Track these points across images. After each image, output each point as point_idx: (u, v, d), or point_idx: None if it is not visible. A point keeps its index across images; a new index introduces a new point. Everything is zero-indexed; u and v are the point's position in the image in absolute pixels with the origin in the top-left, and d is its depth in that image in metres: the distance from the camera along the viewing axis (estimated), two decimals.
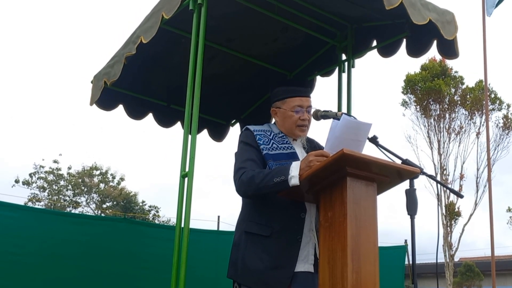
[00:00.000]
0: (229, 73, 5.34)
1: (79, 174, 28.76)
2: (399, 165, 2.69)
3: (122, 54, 4.36)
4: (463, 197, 3.40)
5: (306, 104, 3.02)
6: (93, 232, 5.15)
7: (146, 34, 4.08)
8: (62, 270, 4.89)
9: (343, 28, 4.92)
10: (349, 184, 2.52)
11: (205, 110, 5.30)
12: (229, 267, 2.93)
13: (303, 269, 2.80)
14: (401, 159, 2.82)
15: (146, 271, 5.36)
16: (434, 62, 19.48)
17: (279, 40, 4.97)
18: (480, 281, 27.53)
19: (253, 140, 2.97)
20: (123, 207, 28.31)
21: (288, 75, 5.37)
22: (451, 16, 3.87)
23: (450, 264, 19.05)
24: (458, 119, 19.32)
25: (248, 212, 2.94)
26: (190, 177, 3.61)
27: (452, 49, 4.03)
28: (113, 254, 5.20)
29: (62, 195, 28.36)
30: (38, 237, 4.84)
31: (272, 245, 2.78)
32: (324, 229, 2.61)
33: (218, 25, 4.58)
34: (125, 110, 5.32)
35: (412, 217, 2.73)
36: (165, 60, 4.99)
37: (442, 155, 19.25)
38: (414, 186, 2.75)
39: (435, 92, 18.88)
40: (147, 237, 5.54)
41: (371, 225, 2.56)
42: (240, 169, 2.86)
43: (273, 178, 2.66)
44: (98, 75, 4.73)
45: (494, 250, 9.60)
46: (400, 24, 4.40)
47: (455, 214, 18.89)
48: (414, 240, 2.72)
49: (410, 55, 4.49)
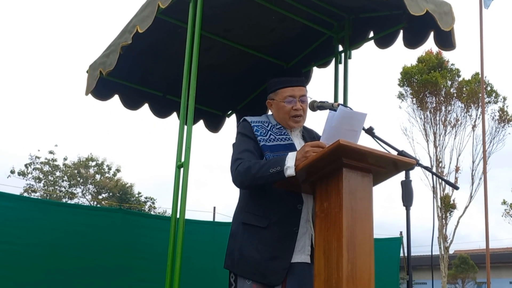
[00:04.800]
0: (226, 64, 5.33)
1: (75, 165, 28.69)
2: (395, 156, 2.68)
3: (118, 43, 4.34)
4: (459, 188, 3.39)
5: (299, 93, 2.97)
6: (89, 223, 5.18)
7: (142, 24, 4.06)
8: (60, 260, 4.92)
9: (340, 19, 4.91)
10: (345, 175, 2.52)
11: (201, 101, 5.29)
12: (226, 257, 2.93)
13: (300, 260, 2.81)
14: (397, 151, 2.82)
15: (142, 262, 5.38)
16: (430, 54, 19.47)
17: (276, 30, 4.96)
18: (474, 273, 27.71)
19: (250, 131, 2.96)
20: (119, 198, 28.29)
21: (285, 66, 5.36)
22: (448, 7, 3.86)
23: (445, 256, 19.12)
24: (454, 112, 19.36)
25: (245, 203, 2.94)
26: (186, 168, 3.61)
27: (449, 41, 4.02)
28: (109, 244, 5.22)
29: (58, 186, 28.30)
30: (35, 227, 4.86)
31: (269, 236, 2.78)
32: (320, 220, 2.60)
33: (215, 15, 4.56)
34: (120, 100, 5.30)
35: (407, 209, 2.73)
36: (161, 50, 4.97)
37: (438, 148, 19.30)
38: (410, 178, 2.75)
39: (432, 84, 18.89)
40: (143, 228, 5.55)
41: (367, 216, 2.55)
42: (237, 160, 2.85)
43: (269, 169, 2.65)
44: (94, 65, 4.71)
45: (489, 242, 9.66)
46: (397, 15, 4.39)
47: (450, 207, 18.95)
48: (409, 232, 2.73)
49: (407, 46, 4.48)
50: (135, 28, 4.11)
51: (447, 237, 19.17)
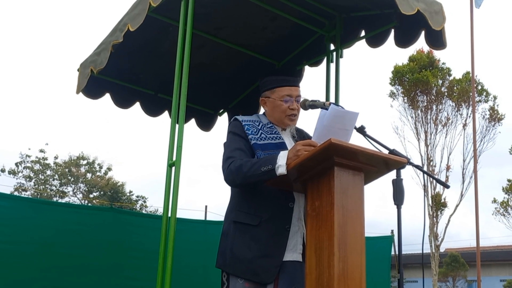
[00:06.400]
0: (217, 62, 5.32)
1: (65, 163, 28.59)
2: (387, 155, 2.69)
3: (109, 42, 4.32)
4: (449, 187, 3.41)
5: (295, 93, 3.01)
6: (81, 222, 5.16)
7: (133, 22, 4.04)
8: (51, 258, 4.91)
9: (332, 18, 4.92)
10: (337, 174, 2.52)
11: (193, 99, 5.29)
12: (218, 256, 2.93)
13: (292, 258, 2.81)
14: (388, 149, 2.82)
15: (133, 260, 5.37)
16: (421, 53, 19.55)
17: (267, 29, 4.95)
18: (465, 271, 27.86)
19: (241, 130, 2.96)
20: (110, 197, 28.21)
21: (277, 65, 5.36)
22: (439, 7, 3.88)
23: (436, 254, 19.22)
24: (445, 111, 19.46)
25: (237, 202, 2.93)
26: (178, 166, 3.60)
27: (440, 40, 4.04)
28: (100, 243, 5.21)
29: (49, 185, 28.18)
30: (26, 226, 4.85)
31: (260, 235, 2.78)
32: (311, 218, 2.61)
33: (207, 14, 4.55)
34: (112, 99, 5.28)
35: (398, 207, 2.74)
36: (153, 49, 4.95)
37: (429, 146, 19.38)
38: (401, 176, 2.76)
39: (423, 83, 18.96)
40: (134, 226, 5.54)
41: (358, 215, 2.56)
42: (228, 159, 2.85)
43: (261, 167, 2.65)
44: (85, 63, 4.69)
45: (479, 241, 9.72)
46: (388, 14, 4.41)
47: (441, 205, 19.04)
48: (401, 230, 2.73)
49: (398, 45, 4.50)
50: (127, 26, 4.10)
51: (438, 236, 19.27)
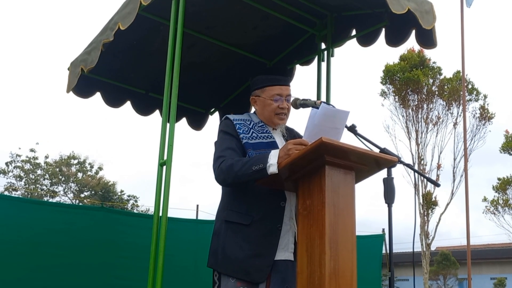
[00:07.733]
0: (208, 61, 5.31)
1: (56, 163, 28.48)
2: (377, 153, 2.69)
3: (100, 40, 4.30)
4: (440, 185, 3.43)
5: (286, 92, 3.02)
6: (71, 221, 5.14)
7: (124, 21, 4.02)
8: (41, 258, 4.89)
9: (323, 17, 4.92)
10: (328, 173, 2.53)
11: (184, 98, 5.27)
12: (209, 256, 2.93)
13: (283, 257, 2.82)
14: (379, 148, 2.83)
15: (125, 260, 5.35)
16: (412, 52, 19.59)
17: (258, 28, 4.95)
18: (456, 269, 27.98)
19: (232, 129, 2.96)
20: (101, 197, 28.12)
21: (268, 64, 5.36)
22: (430, 6, 3.89)
23: (426, 253, 19.29)
24: (435, 110, 19.52)
25: (228, 201, 2.93)
26: (169, 166, 3.59)
27: (430, 39, 4.05)
28: (91, 243, 5.19)
29: (39, 184, 28.06)
30: (17, 225, 4.83)
31: (252, 234, 2.79)
32: (303, 217, 2.61)
33: (198, 12, 4.54)
34: (102, 98, 5.26)
35: (389, 206, 2.75)
36: (144, 48, 4.94)
37: (419, 145, 19.44)
38: (392, 175, 2.77)
39: (414, 82, 19.01)
40: (125, 226, 5.52)
41: (349, 213, 2.57)
42: (219, 158, 2.85)
43: (252, 166, 2.65)
44: (75, 62, 4.66)
45: (469, 239, 9.76)
46: (379, 14, 4.41)
47: (432, 204, 19.10)
48: (391, 229, 2.75)
49: (389, 44, 4.50)
50: (117, 25, 4.07)
51: (429, 234, 19.34)
